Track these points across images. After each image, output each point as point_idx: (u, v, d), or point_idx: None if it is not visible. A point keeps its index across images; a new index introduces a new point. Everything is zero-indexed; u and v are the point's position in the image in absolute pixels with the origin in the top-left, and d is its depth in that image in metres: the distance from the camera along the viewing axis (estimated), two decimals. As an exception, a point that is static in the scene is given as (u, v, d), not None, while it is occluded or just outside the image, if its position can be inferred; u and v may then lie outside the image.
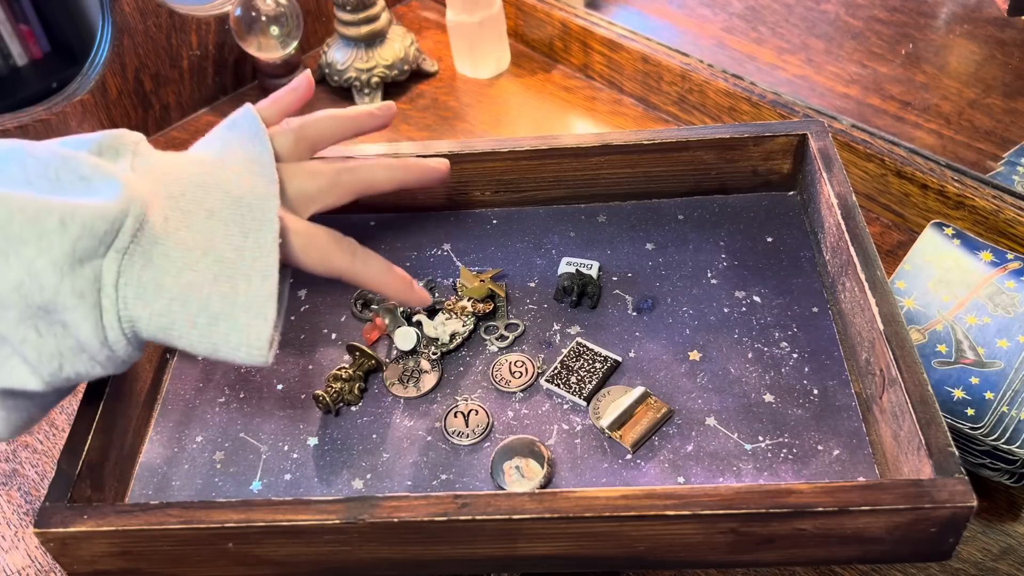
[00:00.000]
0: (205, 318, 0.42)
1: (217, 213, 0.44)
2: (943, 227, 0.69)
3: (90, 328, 0.41)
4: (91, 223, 0.40)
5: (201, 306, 0.42)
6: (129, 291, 0.41)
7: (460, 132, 0.92)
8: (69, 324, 0.41)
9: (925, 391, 0.44)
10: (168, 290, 0.42)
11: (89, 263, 0.40)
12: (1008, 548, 0.57)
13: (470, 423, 0.51)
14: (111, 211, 0.40)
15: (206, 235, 0.43)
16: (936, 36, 0.94)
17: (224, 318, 0.42)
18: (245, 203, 0.45)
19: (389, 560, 0.45)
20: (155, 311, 0.42)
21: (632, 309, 0.57)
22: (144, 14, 0.88)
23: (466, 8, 0.93)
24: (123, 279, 0.41)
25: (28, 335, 0.40)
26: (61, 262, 0.39)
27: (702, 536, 0.42)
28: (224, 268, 0.43)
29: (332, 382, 0.52)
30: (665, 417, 0.50)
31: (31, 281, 0.39)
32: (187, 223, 0.43)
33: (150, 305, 0.42)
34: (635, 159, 0.60)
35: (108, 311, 0.41)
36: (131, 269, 0.41)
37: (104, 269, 0.41)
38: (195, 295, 0.42)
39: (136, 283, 0.41)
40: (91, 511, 0.43)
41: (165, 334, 0.43)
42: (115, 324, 0.41)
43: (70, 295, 0.40)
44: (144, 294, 0.42)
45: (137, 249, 0.41)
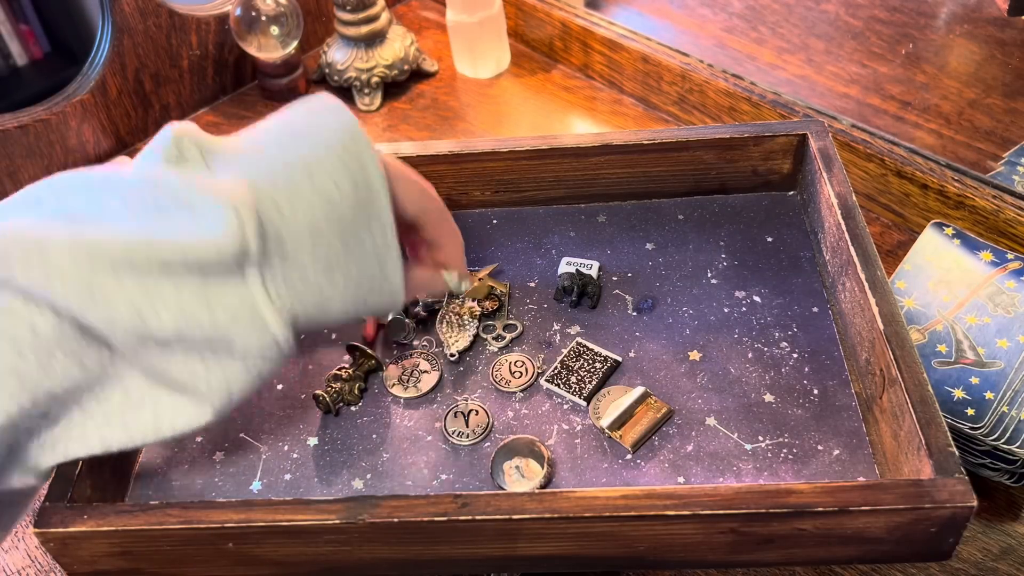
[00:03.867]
0: (352, 285, 0.44)
1: (316, 169, 0.43)
2: (943, 227, 0.69)
3: (257, 342, 0.41)
4: (213, 262, 0.40)
5: (345, 278, 0.43)
6: (281, 291, 0.42)
7: (460, 132, 0.92)
8: (234, 343, 0.41)
9: (925, 391, 0.44)
10: (314, 280, 0.43)
11: (229, 284, 0.40)
12: (1008, 548, 0.57)
13: (470, 423, 0.51)
14: (228, 245, 0.40)
15: (319, 197, 0.43)
16: (936, 36, 0.94)
17: (363, 278, 0.44)
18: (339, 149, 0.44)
19: (389, 560, 0.45)
20: (311, 302, 0.43)
21: (632, 309, 0.57)
22: (144, 14, 0.88)
23: (466, 8, 0.93)
24: (271, 287, 0.41)
25: (197, 370, 0.40)
26: (203, 289, 0.40)
27: (702, 536, 0.42)
28: (348, 233, 0.43)
29: (332, 382, 0.52)
30: (665, 417, 0.50)
31: (187, 322, 0.39)
32: (295, 194, 0.43)
33: (304, 299, 0.43)
34: (635, 159, 0.60)
35: (271, 319, 0.41)
36: (274, 275, 0.42)
37: (250, 287, 0.41)
38: (338, 270, 0.43)
39: (284, 283, 0.42)
40: (91, 511, 0.43)
41: (322, 313, 0.43)
42: (282, 326, 0.42)
43: (226, 318, 0.40)
44: (295, 291, 0.42)
45: (271, 253, 0.41)
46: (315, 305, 0.43)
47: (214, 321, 0.40)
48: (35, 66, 1.91)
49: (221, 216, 0.40)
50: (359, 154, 0.44)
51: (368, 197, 0.44)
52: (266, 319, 0.41)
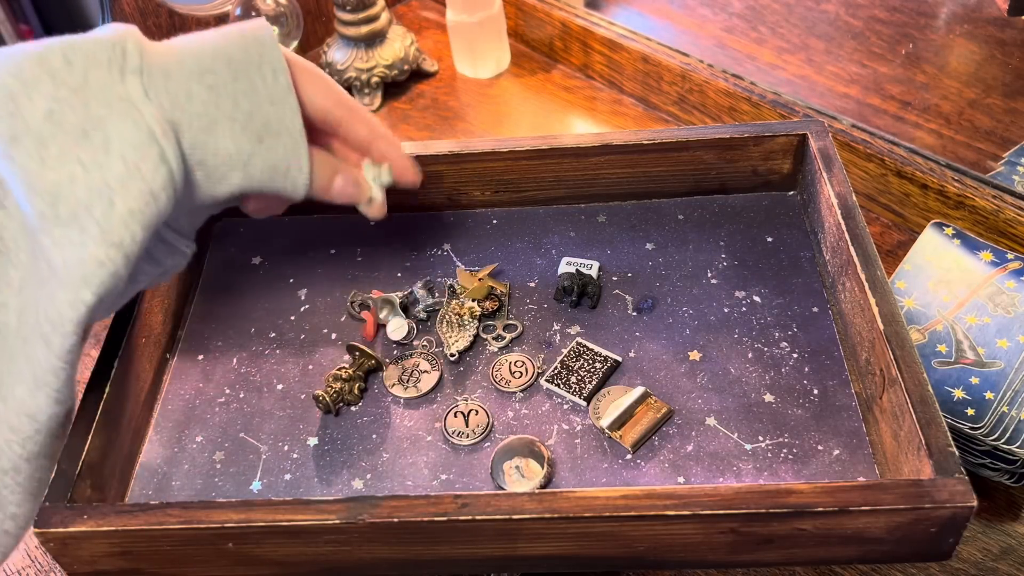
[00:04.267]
0: (241, 114, 0.44)
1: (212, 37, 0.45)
2: (943, 227, 0.69)
3: (131, 127, 0.40)
4: (93, 52, 0.40)
5: (233, 104, 0.43)
6: (162, 99, 0.42)
7: (460, 132, 0.92)
8: (111, 135, 0.40)
9: (925, 391, 0.44)
10: (197, 95, 0.43)
11: (110, 89, 0.40)
12: (1008, 548, 0.57)
13: (470, 423, 0.51)
14: (107, 39, 0.41)
15: (211, 45, 0.44)
16: (936, 36, 0.94)
17: (256, 112, 0.44)
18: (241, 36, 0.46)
19: (389, 560, 0.45)
20: (194, 113, 0.42)
21: (632, 309, 0.57)
22: (144, 14, 0.88)
23: (466, 8, 0.93)
24: (151, 92, 0.41)
25: (75, 171, 0.39)
26: (79, 89, 0.40)
27: (702, 536, 0.42)
28: (238, 67, 0.44)
29: (332, 382, 0.52)
30: (665, 417, 0.50)
31: (59, 106, 0.39)
32: (188, 41, 0.45)
33: (186, 110, 0.42)
34: (635, 159, 0.60)
35: (146, 112, 0.41)
36: (155, 84, 0.42)
37: (129, 89, 0.41)
38: (224, 95, 0.43)
39: (165, 92, 0.42)
40: (91, 511, 0.43)
41: (208, 134, 0.43)
42: (158, 122, 0.41)
43: (100, 107, 0.40)
44: (177, 101, 0.42)
45: (151, 67, 0.42)
46: (199, 123, 0.42)
47: (87, 106, 0.40)
48: (35, 66, 1.91)
49: (105, 29, 0.42)
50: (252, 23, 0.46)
51: (256, 41, 0.45)
52: (141, 110, 0.41)
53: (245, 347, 0.56)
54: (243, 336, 0.57)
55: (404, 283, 0.59)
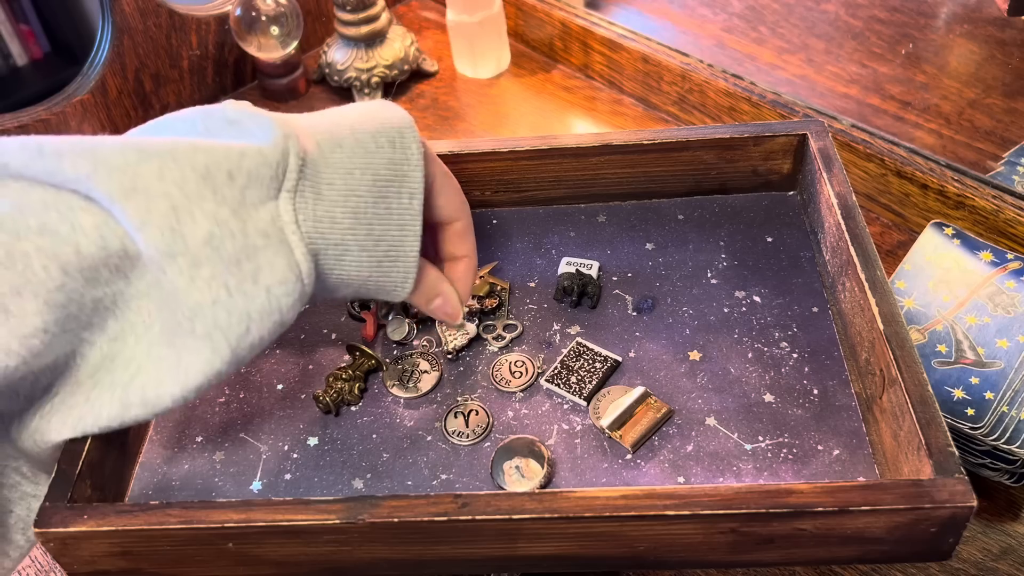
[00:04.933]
0: (371, 242, 0.44)
1: (359, 129, 0.45)
2: (943, 227, 0.69)
3: (283, 266, 0.41)
4: (256, 170, 0.41)
5: (367, 231, 0.44)
6: (309, 227, 0.42)
7: (460, 132, 0.92)
8: (262, 268, 0.41)
9: (925, 391, 0.44)
10: (340, 222, 0.43)
11: (264, 205, 0.41)
12: (1008, 548, 0.57)
13: (470, 423, 0.51)
14: (272, 153, 0.41)
15: (359, 147, 0.45)
16: (936, 36, 0.94)
17: (383, 237, 0.45)
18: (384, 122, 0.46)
19: (389, 560, 0.45)
20: (332, 242, 0.43)
21: (632, 309, 0.57)
22: (144, 14, 0.88)
23: (466, 8, 0.93)
24: (301, 216, 0.42)
25: (220, 295, 0.40)
26: (238, 209, 0.40)
27: (702, 536, 0.42)
28: (381, 188, 0.45)
29: (332, 382, 0.52)
30: (665, 417, 0.50)
31: (220, 231, 0.40)
32: (336, 138, 0.44)
33: (328, 238, 0.43)
34: (635, 159, 0.60)
35: (296, 248, 0.42)
36: (305, 207, 0.42)
37: (281, 210, 0.42)
38: (362, 221, 0.44)
39: (313, 218, 0.43)
40: (91, 511, 0.43)
41: (338, 261, 0.44)
42: (306, 259, 0.42)
43: (256, 236, 0.41)
44: (322, 228, 0.43)
45: (306, 185, 0.42)
46: (335, 252, 0.44)
47: (245, 235, 0.40)
48: (35, 66, 1.91)
49: (269, 130, 0.42)
50: (402, 127, 0.46)
51: (403, 159, 0.45)
52: (291, 243, 0.42)
53: (245, 347, 0.56)
54: (243, 336, 0.57)
55: (404, 283, 0.59)
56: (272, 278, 0.41)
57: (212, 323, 0.41)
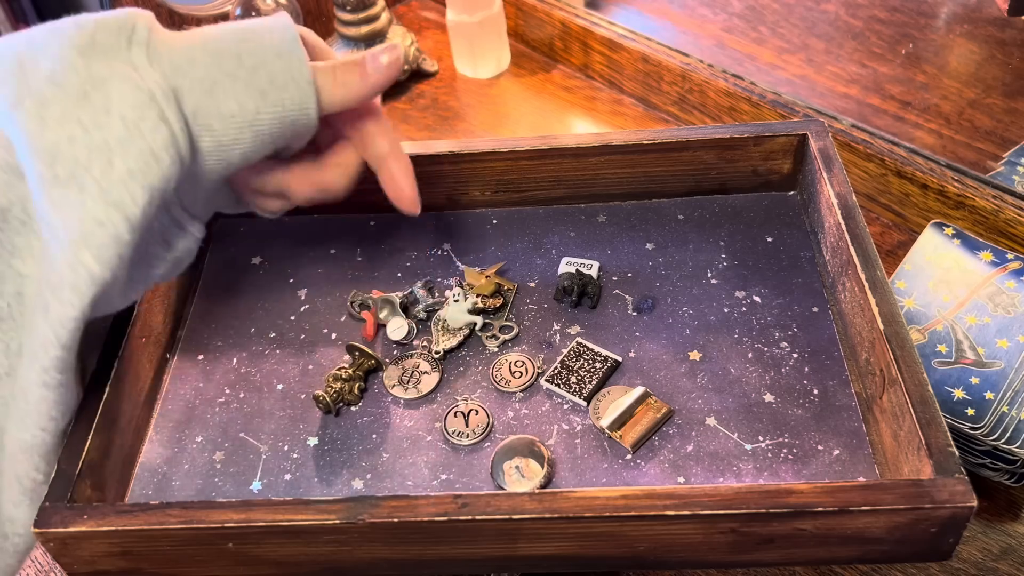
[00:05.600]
0: (244, 71, 0.43)
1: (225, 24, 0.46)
2: (943, 227, 0.69)
3: (131, 89, 0.40)
4: (104, 21, 0.41)
5: (235, 62, 0.43)
6: (164, 66, 0.42)
7: (460, 132, 0.92)
8: (111, 96, 0.40)
9: (925, 391, 0.44)
10: (200, 60, 0.42)
11: (115, 56, 0.41)
12: (1008, 548, 0.57)
13: (470, 423, 0.51)
14: (121, 15, 0.42)
15: (221, 25, 0.45)
16: (936, 36, 0.94)
17: (260, 66, 0.43)
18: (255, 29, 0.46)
19: (389, 560, 0.45)
20: (195, 77, 0.42)
21: (632, 309, 0.57)
22: (144, 14, 0.88)
23: (466, 8, 0.93)
24: (153, 61, 0.41)
25: (74, 132, 0.39)
26: (85, 50, 0.40)
27: (702, 536, 0.42)
28: (246, 34, 0.44)
29: (332, 382, 0.52)
30: (665, 417, 0.50)
31: (62, 66, 0.39)
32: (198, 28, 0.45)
33: (188, 75, 0.42)
34: (635, 159, 0.60)
35: (147, 76, 0.41)
36: (159, 56, 0.42)
37: (132, 57, 0.41)
38: (227, 55, 0.43)
39: (168, 61, 0.42)
40: (91, 511, 0.43)
41: (210, 97, 0.42)
42: (158, 84, 0.41)
43: (103, 69, 0.40)
44: (179, 67, 0.42)
45: (156, 39, 0.42)
46: (201, 86, 0.42)
47: (89, 68, 0.40)
48: (35, 66, 1.91)
49: (120, 10, 0.42)
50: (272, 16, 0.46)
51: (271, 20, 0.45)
52: (141, 74, 0.41)
53: (245, 347, 0.56)
54: (243, 336, 0.57)
55: (404, 283, 0.59)
56: (123, 104, 0.40)
57: (72, 162, 0.39)
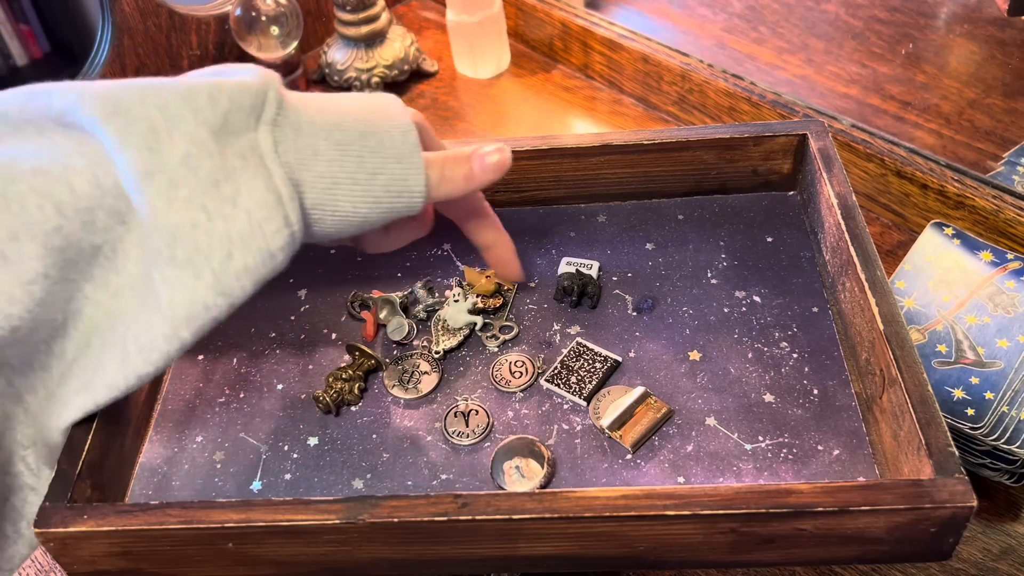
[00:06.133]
0: (364, 174, 0.44)
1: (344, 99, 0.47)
2: (943, 227, 0.69)
3: (261, 187, 0.41)
4: (237, 96, 0.41)
5: (357, 163, 0.44)
6: (289, 157, 0.43)
7: (460, 132, 0.92)
8: (240, 189, 0.41)
9: (925, 391, 0.44)
10: (324, 153, 0.44)
11: (244, 135, 0.42)
12: (1008, 548, 0.57)
13: (470, 423, 0.51)
14: (252, 85, 0.42)
15: (342, 105, 0.46)
16: (936, 36, 0.94)
17: (381, 171, 0.45)
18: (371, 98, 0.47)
19: (389, 560, 0.45)
20: (317, 174, 0.43)
21: (632, 309, 0.57)
22: (144, 14, 0.88)
23: (466, 8, 0.93)
24: (280, 147, 0.43)
25: (198, 218, 0.40)
26: (218, 132, 0.41)
27: (702, 536, 0.42)
28: (367, 126, 0.45)
29: (332, 382, 0.52)
30: (665, 417, 0.50)
31: (197, 150, 0.40)
32: (322, 99, 0.46)
33: (312, 169, 0.43)
34: (635, 159, 0.60)
35: (275, 172, 0.42)
36: (285, 139, 0.43)
37: (260, 140, 0.42)
38: (350, 154, 0.44)
39: (294, 149, 0.43)
40: (91, 511, 0.43)
41: (328, 195, 0.44)
42: (286, 184, 0.42)
43: (234, 158, 0.41)
44: (303, 159, 0.43)
45: (285, 120, 0.43)
46: (322, 184, 0.43)
47: (223, 156, 0.41)
48: (35, 66, 1.91)
49: (251, 71, 0.43)
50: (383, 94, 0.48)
51: (387, 108, 0.46)
52: (269, 167, 0.42)
53: (245, 347, 0.56)
54: (243, 336, 0.57)
55: (404, 283, 0.59)
56: (251, 200, 0.41)
57: (192, 247, 0.40)
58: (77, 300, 0.42)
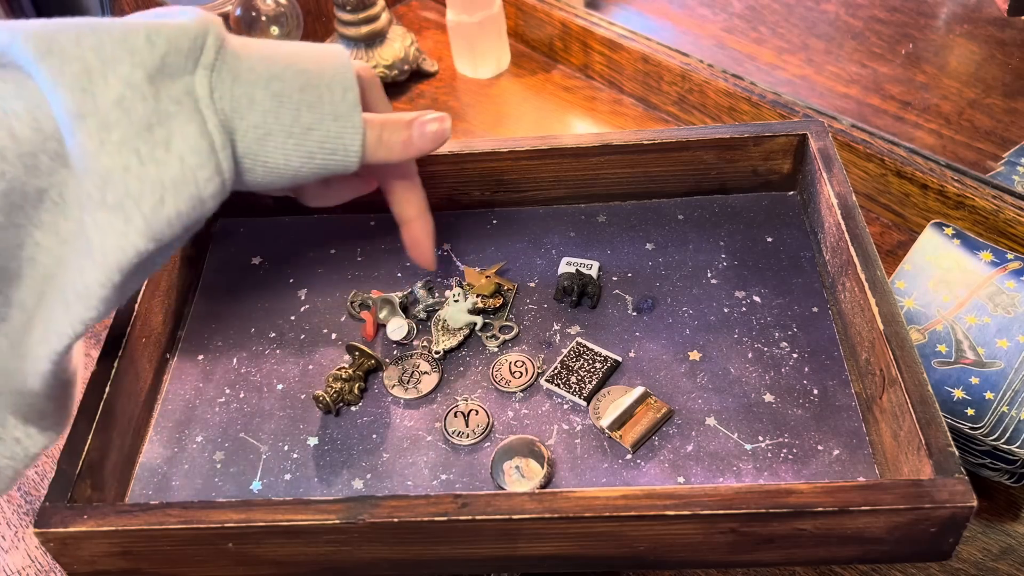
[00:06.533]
0: (299, 128, 0.44)
1: (289, 48, 0.46)
2: (943, 227, 0.69)
3: (195, 133, 0.41)
4: (175, 38, 0.41)
5: (293, 116, 0.44)
6: (224, 104, 0.42)
7: (460, 132, 0.92)
8: (174, 134, 0.40)
9: (925, 391, 0.44)
10: (260, 103, 0.43)
11: (180, 79, 0.41)
12: (1008, 548, 0.57)
13: (470, 423, 0.51)
14: (192, 28, 0.42)
15: (285, 54, 0.45)
16: (936, 36, 0.94)
17: (316, 127, 0.44)
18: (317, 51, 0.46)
19: (389, 560, 0.45)
20: (251, 123, 0.43)
21: (632, 309, 0.57)
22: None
23: (466, 8, 0.93)
24: (216, 93, 0.42)
25: (130, 161, 0.40)
26: (154, 75, 0.40)
27: (702, 536, 0.42)
28: (308, 79, 0.44)
29: (332, 382, 0.52)
30: (665, 417, 0.50)
31: (131, 93, 0.40)
32: (265, 46, 0.45)
33: (246, 117, 0.43)
34: (635, 159, 0.60)
35: (209, 119, 0.41)
36: (222, 84, 0.42)
37: (196, 84, 0.41)
38: (286, 105, 0.44)
39: (230, 96, 0.42)
40: (91, 511, 0.43)
41: (260, 145, 0.43)
42: (220, 131, 0.42)
43: (169, 102, 0.40)
44: (238, 107, 0.43)
45: (223, 66, 0.42)
46: (255, 134, 0.43)
47: (157, 99, 0.40)
48: (35, 66, 1.91)
49: (192, 13, 0.42)
50: (332, 47, 0.46)
51: (332, 63, 0.45)
52: (204, 114, 0.41)
53: (245, 347, 0.57)
54: (243, 336, 0.57)
55: (404, 283, 0.59)
56: (184, 146, 0.41)
57: (123, 191, 0.40)
58: (28, 247, 0.41)
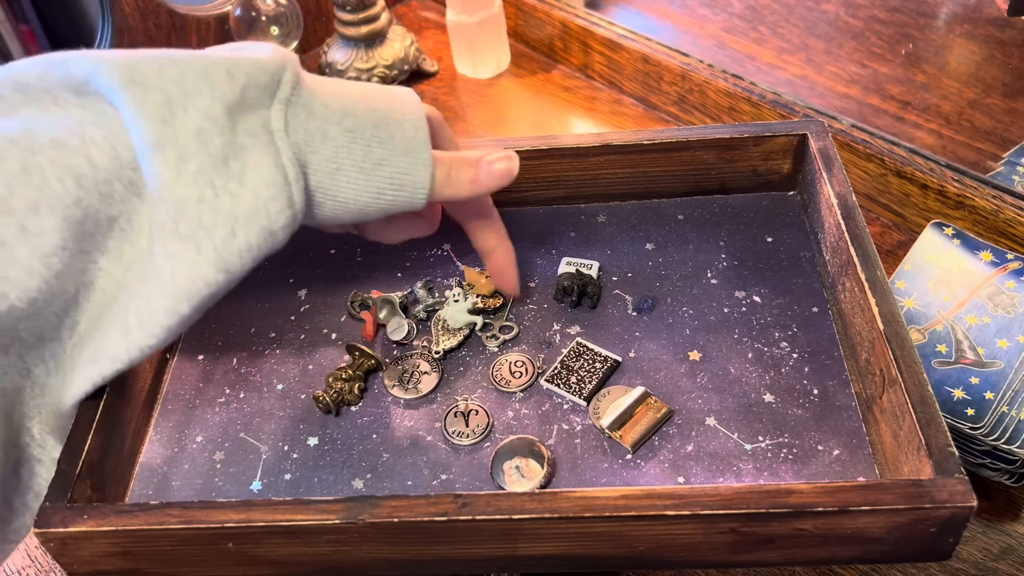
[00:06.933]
0: (369, 163, 0.45)
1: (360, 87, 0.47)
2: (943, 227, 0.69)
3: (270, 165, 0.41)
4: (254, 73, 0.42)
5: (364, 152, 0.44)
6: (298, 137, 0.43)
7: (460, 132, 0.92)
8: (248, 167, 0.41)
9: (925, 391, 0.44)
10: (333, 138, 0.44)
11: (257, 112, 0.42)
12: (1008, 548, 0.57)
13: (470, 423, 0.51)
14: (269, 63, 0.43)
15: (357, 92, 0.46)
16: (936, 36, 0.94)
17: (386, 162, 0.45)
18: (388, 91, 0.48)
19: (389, 560, 0.45)
20: (324, 157, 0.44)
21: (632, 309, 0.57)
22: (144, 14, 0.88)
23: (466, 8, 0.93)
24: (291, 127, 0.43)
25: (205, 193, 0.40)
26: (233, 108, 0.41)
27: (702, 536, 0.42)
28: (380, 116, 0.45)
29: (332, 382, 0.52)
30: (665, 417, 0.50)
31: (210, 125, 0.40)
32: (338, 84, 0.46)
33: (319, 152, 0.43)
34: (635, 159, 0.60)
35: (284, 152, 0.42)
36: (296, 119, 0.43)
37: (272, 117, 0.42)
38: (358, 141, 0.44)
39: (304, 130, 0.43)
40: (91, 511, 0.43)
41: (331, 179, 0.44)
42: (293, 164, 0.42)
43: (245, 135, 0.41)
44: (312, 141, 0.43)
45: (299, 101, 0.43)
46: (327, 168, 0.44)
47: (234, 133, 0.41)
48: (35, 66, 1.91)
49: (269, 48, 0.44)
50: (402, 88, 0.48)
51: (402, 104, 0.46)
52: (279, 146, 0.42)
53: (245, 347, 0.56)
54: (243, 336, 0.57)
55: (404, 283, 0.59)
56: (258, 178, 0.41)
57: (196, 222, 0.40)
58: (91, 272, 0.42)
